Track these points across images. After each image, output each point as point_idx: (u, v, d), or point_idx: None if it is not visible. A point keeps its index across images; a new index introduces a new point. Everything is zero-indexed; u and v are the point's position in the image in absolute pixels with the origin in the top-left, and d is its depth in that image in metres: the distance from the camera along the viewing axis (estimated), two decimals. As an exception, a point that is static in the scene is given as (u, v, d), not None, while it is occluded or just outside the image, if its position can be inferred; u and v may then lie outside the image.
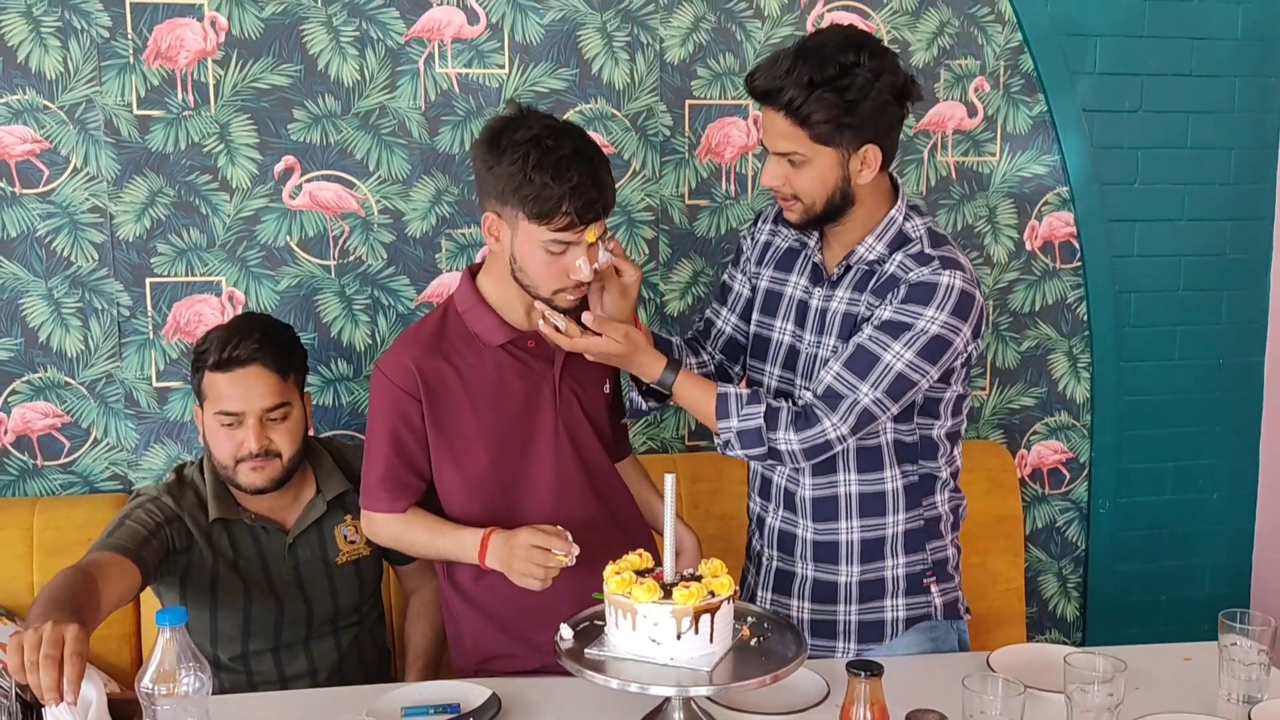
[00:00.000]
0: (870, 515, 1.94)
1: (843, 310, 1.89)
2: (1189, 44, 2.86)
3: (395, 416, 1.90)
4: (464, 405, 1.90)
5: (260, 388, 2.01)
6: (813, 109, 1.75)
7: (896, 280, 1.82)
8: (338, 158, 2.54)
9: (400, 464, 1.91)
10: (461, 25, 2.55)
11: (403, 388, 1.88)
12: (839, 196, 1.83)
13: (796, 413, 1.83)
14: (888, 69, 1.77)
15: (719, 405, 1.84)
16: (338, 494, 2.14)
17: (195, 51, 2.45)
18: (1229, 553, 3.11)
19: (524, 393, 1.93)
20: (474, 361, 1.91)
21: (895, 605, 1.97)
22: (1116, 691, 1.62)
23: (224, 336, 2.02)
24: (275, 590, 2.09)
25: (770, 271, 2.03)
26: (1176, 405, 3.01)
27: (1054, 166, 2.87)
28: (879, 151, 1.81)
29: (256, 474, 2.02)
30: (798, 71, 1.75)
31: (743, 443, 1.84)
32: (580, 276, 1.82)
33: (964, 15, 2.77)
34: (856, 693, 1.51)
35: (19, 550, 2.35)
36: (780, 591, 2.02)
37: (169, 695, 1.45)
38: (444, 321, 1.94)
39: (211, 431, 2.04)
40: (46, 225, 2.45)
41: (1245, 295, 3.01)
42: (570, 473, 1.96)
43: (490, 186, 1.82)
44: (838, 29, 1.84)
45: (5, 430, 2.50)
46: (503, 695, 1.76)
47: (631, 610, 1.55)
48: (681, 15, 2.64)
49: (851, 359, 1.81)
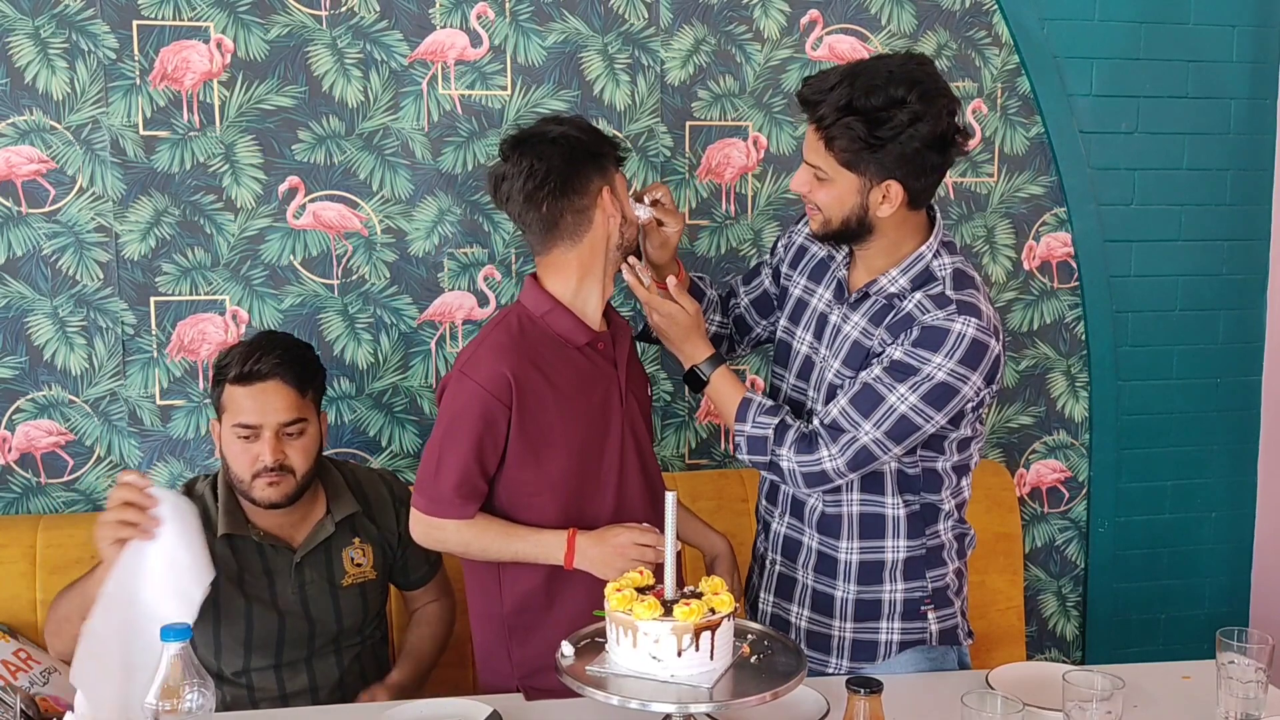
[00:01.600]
0: (870, 537, 1.95)
1: (854, 336, 1.90)
2: (1185, 66, 2.89)
3: (482, 424, 1.89)
4: (551, 407, 1.92)
5: (279, 402, 2.02)
6: (837, 133, 1.76)
7: (911, 320, 1.82)
8: (341, 178, 2.56)
9: (478, 471, 1.91)
10: (464, 47, 2.58)
11: (496, 396, 1.88)
12: (855, 222, 1.83)
13: (802, 435, 1.86)
14: (929, 116, 1.73)
15: (740, 407, 1.90)
16: (347, 515, 2.14)
17: (201, 73, 2.48)
18: (1228, 571, 3.12)
19: (599, 394, 1.97)
20: (557, 364, 1.94)
21: (890, 628, 1.98)
22: (1115, 709, 1.63)
23: (246, 351, 2.05)
24: (279, 608, 2.09)
25: (804, 280, 2.04)
26: (1174, 424, 3.02)
27: (1051, 187, 2.89)
28: (903, 190, 1.79)
29: (272, 489, 2.03)
30: (838, 91, 1.75)
31: (749, 448, 1.89)
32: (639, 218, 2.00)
33: (961, 38, 2.79)
34: (856, 710, 1.52)
35: (22, 568, 2.36)
36: (782, 596, 2.04)
37: (173, 712, 1.45)
38: (522, 329, 1.95)
39: (228, 445, 2.05)
40: (52, 244, 2.47)
41: (1242, 315, 3.03)
42: (632, 473, 2.00)
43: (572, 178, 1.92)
44: (908, 58, 1.81)
45: (9, 448, 2.51)
46: (503, 712, 1.77)
47: (632, 627, 1.56)
48: (682, 38, 2.67)
49: (857, 396, 1.83)
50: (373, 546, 2.17)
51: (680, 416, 2.80)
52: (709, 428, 2.82)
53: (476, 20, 2.57)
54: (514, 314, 1.98)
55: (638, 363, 2.14)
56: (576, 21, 2.62)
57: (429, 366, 2.65)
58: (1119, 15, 2.83)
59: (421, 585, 2.26)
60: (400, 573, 2.23)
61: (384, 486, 2.24)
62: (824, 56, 2.74)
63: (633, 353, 2.09)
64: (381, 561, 2.19)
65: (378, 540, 2.18)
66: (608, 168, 1.93)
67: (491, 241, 2.65)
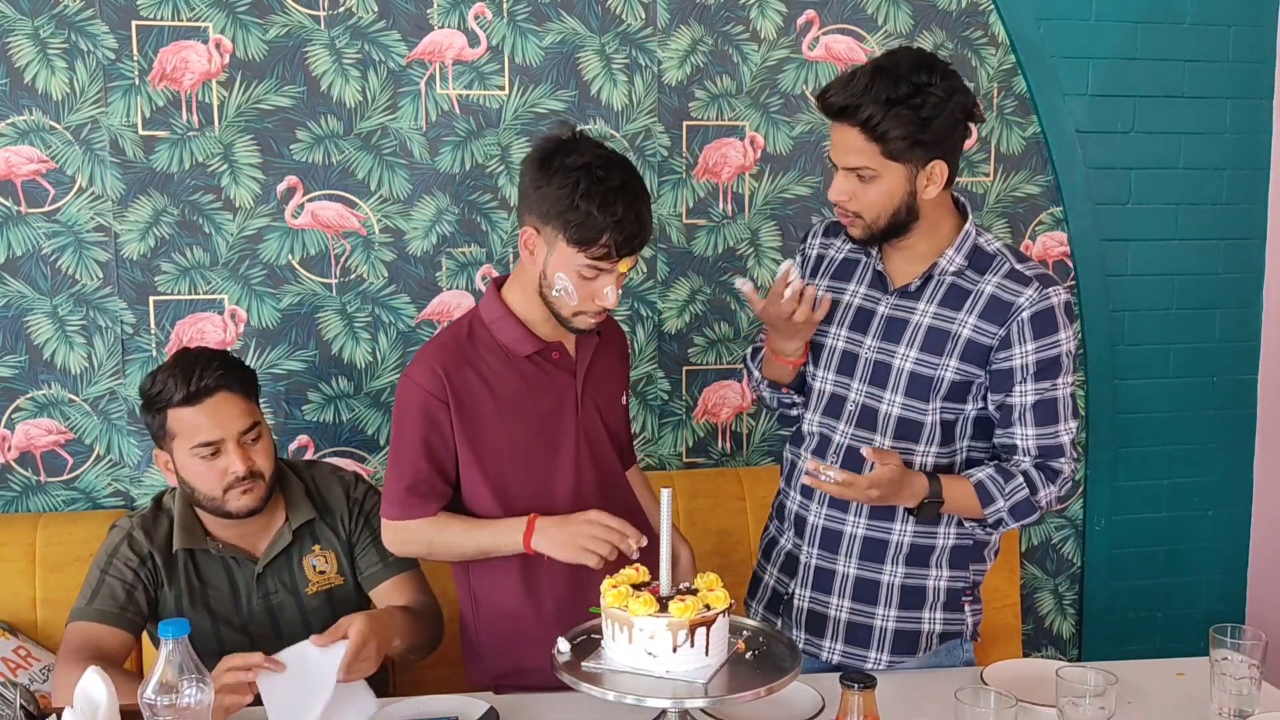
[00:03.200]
0: (925, 522, 1.97)
1: (927, 323, 1.92)
2: (1181, 66, 2.90)
3: (425, 422, 1.90)
4: (491, 414, 1.92)
5: (232, 410, 1.99)
6: (890, 125, 1.79)
7: (1009, 308, 1.87)
8: (339, 177, 2.57)
9: (431, 469, 1.92)
10: (462, 47, 2.59)
11: (432, 393, 1.90)
12: (904, 211, 1.87)
13: (1039, 472, 1.92)
14: (958, 90, 1.83)
15: (980, 493, 1.90)
16: (304, 522, 2.09)
17: (200, 73, 2.49)
18: (1224, 569, 3.12)
19: (549, 403, 1.96)
20: (501, 371, 1.94)
21: (933, 618, 1.99)
22: (1108, 705, 1.64)
23: (183, 372, 1.98)
24: (248, 631, 2.05)
25: (827, 282, 2.04)
26: (1171, 423, 3.03)
27: (1047, 187, 2.90)
28: (945, 167, 1.85)
29: (247, 496, 1.99)
30: (875, 89, 1.78)
31: (1015, 516, 1.92)
32: (606, 303, 1.86)
33: (958, 38, 2.80)
34: (850, 705, 1.53)
35: (21, 566, 2.37)
36: (820, 589, 2.02)
37: (171, 706, 1.46)
38: (470, 332, 1.96)
39: (189, 467, 2.00)
40: (52, 244, 2.48)
41: (1238, 314, 3.04)
42: (588, 482, 1.99)
43: (534, 204, 1.85)
44: (907, 51, 1.87)
45: (9, 447, 2.52)
46: (500, 709, 1.78)
47: (628, 623, 1.56)
48: (679, 38, 2.68)
49: (1038, 415, 1.90)
50: (334, 552, 2.13)
51: (678, 415, 2.81)
52: (706, 426, 2.83)
53: (474, 20, 2.58)
54: (468, 318, 1.99)
55: (614, 369, 2.08)
56: (574, 22, 2.63)
57: (427, 365, 2.66)
58: (1115, 15, 2.84)
59: (379, 582, 2.13)
60: (356, 569, 2.15)
61: (339, 486, 2.17)
62: (820, 57, 2.75)
63: (606, 359, 2.05)
64: (345, 566, 2.13)
65: (336, 545, 2.14)
66: (554, 225, 1.83)
67: (489, 241, 2.66)
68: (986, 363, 1.90)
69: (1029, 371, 1.89)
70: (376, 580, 2.11)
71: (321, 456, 2.64)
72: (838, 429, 1.97)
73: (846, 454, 1.95)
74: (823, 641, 2.00)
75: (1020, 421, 1.91)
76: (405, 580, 2.11)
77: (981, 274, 1.91)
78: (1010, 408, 1.91)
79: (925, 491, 1.87)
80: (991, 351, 1.89)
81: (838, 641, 1.99)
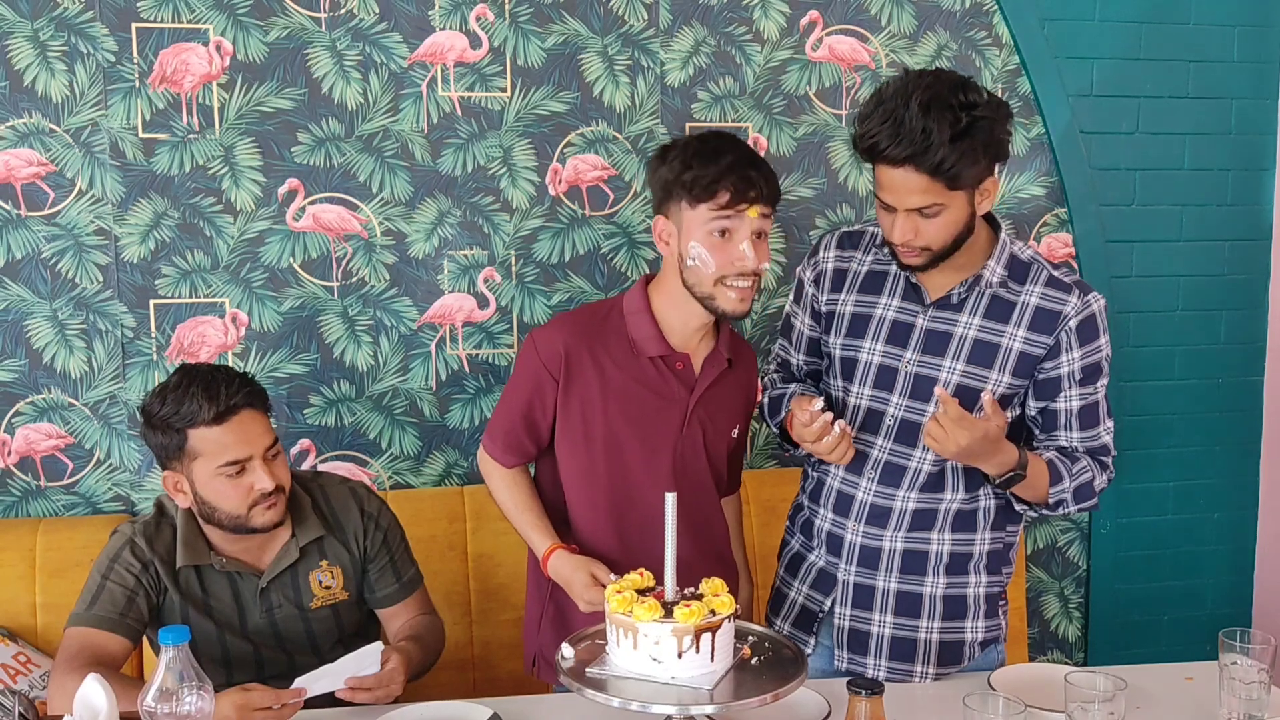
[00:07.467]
0: (962, 530, 1.97)
1: (973, 336, 1.90)
2: (1185, 66, 2.89)
3: (531, 387, 1.97)
4: (595, 400, 1.94)
5: (257, 428, 1.98)
6: (963, 166, 1.74)
7: (1057, 317, 1.88)
8: (341, 180, 2.56)
9: (523, 429, 1.99)
10: (464, 49, 2.58)
11: (546, 365, 1.94)
12: (966, 232, 1.85)
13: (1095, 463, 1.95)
14: (993, 97, 1.79)
15: (1051, 471, 1.91)
16: (313, 539, 2.07)
17: (200, 75, 2.48)
18: (1230, 572, 3.11)
19: (656, 407, 1.96)
20: (621, 362, 1.95)
21: (975, 627, 1.99)
22: (1117, 710, 1.62)
23: (206, 391, 1.94)
24: (252, 639, 2.05)
25: (855, 296, 2.00)
26: (1176, 425, 3.02)
27: (1052, 188, 2.89)
28: (996, 179, 1.86)
29: (271, 511, 1.98)
30: (938, 130, 1.72)
31: (1077, 498, 1.93)
32: (746, 262, 1.86)
33: (962, 39, 2.79)
34: (857, 712, 1.51)
35: (21, 571, 2.36)
36: (860, 606, 2.00)
37: (171, 714, 1.45)
38: (608, 316, 1.98)
39: (211, 486, 1.95)
40: (51, 247, 2.47)
41: (1244, 315, 3.02)
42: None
43: (657, 189, 1.92)
44: (923, 73, 1.80)
45: (9, 451, 2.51)
46: (503, 714, 1.76)
47: (633, 629, 1.55)
48: (682, 39, 2.67)
49: (1083, 420, 1.92)
50: (341, 568, 2.11)
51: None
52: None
53: (476, 22, 2.57)
54: (613, 303, 2.02)
55: (734, 401, 2.06)
56: (576, 23, 2.62)
57: (429, 369, 2.65)
58: (1119, 15, 2.83)
59: (392, 604, 2.14)
60: (367, 588, 2.14)
61: (352, 501, 2.14)
62: (824, 57, 2.74)
63: (728, 388, 2.03)
64: (351, 581, 2.12)
65: (345, 561, 2.12)
66: (676, 196, 1.88)
67: (491, 243, 2.64)
68: (1032, 373, 1.89)
69: (1075, 379, 1.90)
70: (390, 602, 2.14)
71: (323, 460, 2.63)
72: (875, 444, 1.94)
73: (884, 469, 1.94)
74: (866, 659, 1.98)
75: (1066, 426, 1.92)
76: (414, 599, 2.15)
77: (1022, 284, 1.90)
78: (1055, 413, 1.92)
79: (1015, 462, 1.85)
80: (1038, 361, 1.88)
81: (882, 658, 1.97)
